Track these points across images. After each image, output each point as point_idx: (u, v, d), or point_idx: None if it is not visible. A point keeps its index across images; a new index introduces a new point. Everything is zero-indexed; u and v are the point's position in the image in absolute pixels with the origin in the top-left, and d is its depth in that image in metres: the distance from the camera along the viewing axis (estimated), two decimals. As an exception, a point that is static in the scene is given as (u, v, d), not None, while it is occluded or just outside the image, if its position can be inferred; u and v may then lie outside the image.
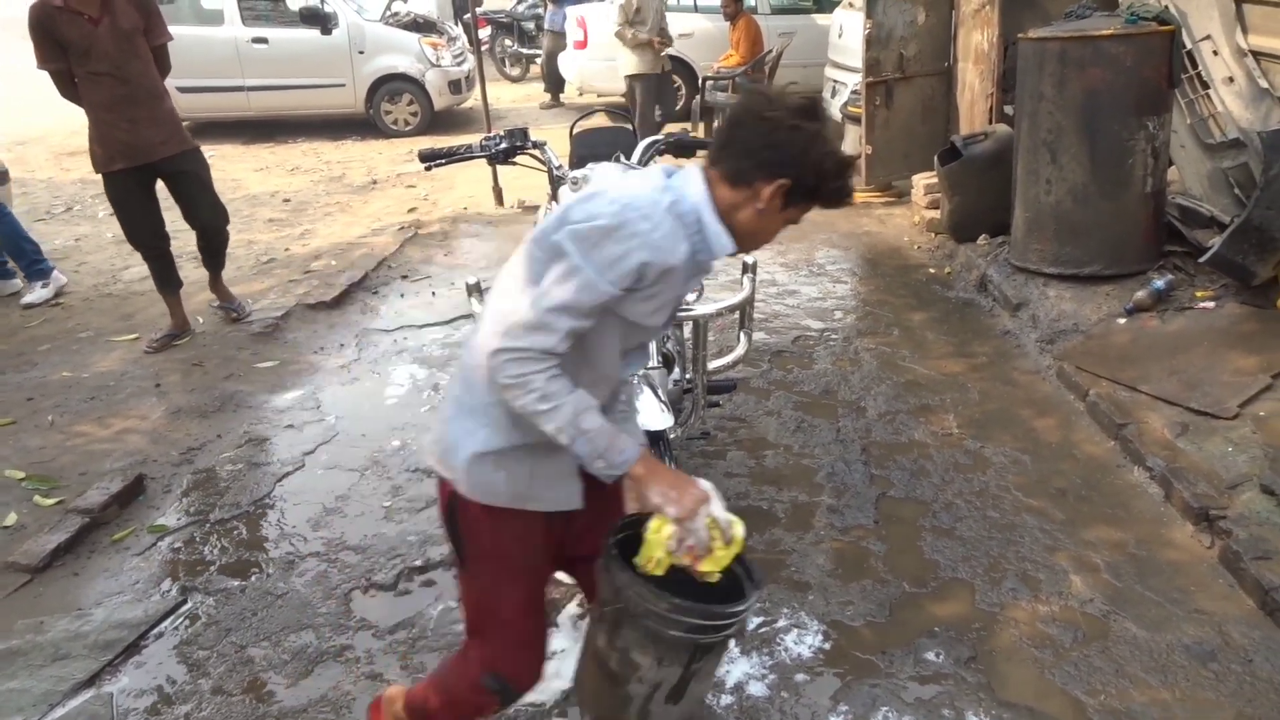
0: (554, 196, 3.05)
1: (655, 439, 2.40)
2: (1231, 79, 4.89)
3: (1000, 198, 5.30)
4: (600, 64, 10.97)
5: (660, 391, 2.57)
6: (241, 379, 4.59)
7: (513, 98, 13.39)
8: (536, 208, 7.36)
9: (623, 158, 2.93)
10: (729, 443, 3.87)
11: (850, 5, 8.78)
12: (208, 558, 3.31)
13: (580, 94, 11.91)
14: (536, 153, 2.94)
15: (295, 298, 5.50)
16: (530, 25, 14.15)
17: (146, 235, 4.79)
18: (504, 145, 2.95)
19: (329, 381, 4.60)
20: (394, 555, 3.27)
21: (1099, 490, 3.45)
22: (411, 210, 7.70)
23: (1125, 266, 4.60)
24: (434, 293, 5.68)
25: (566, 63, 11.47)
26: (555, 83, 12.32)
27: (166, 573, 3.23)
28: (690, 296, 2.79)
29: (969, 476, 3.57)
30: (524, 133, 2.95)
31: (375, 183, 8.83)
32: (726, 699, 2.59)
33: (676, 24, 10.78)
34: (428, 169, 3.14)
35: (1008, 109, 5.52)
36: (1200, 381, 3.78)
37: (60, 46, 4.36)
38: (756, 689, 2.63)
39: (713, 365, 3.04)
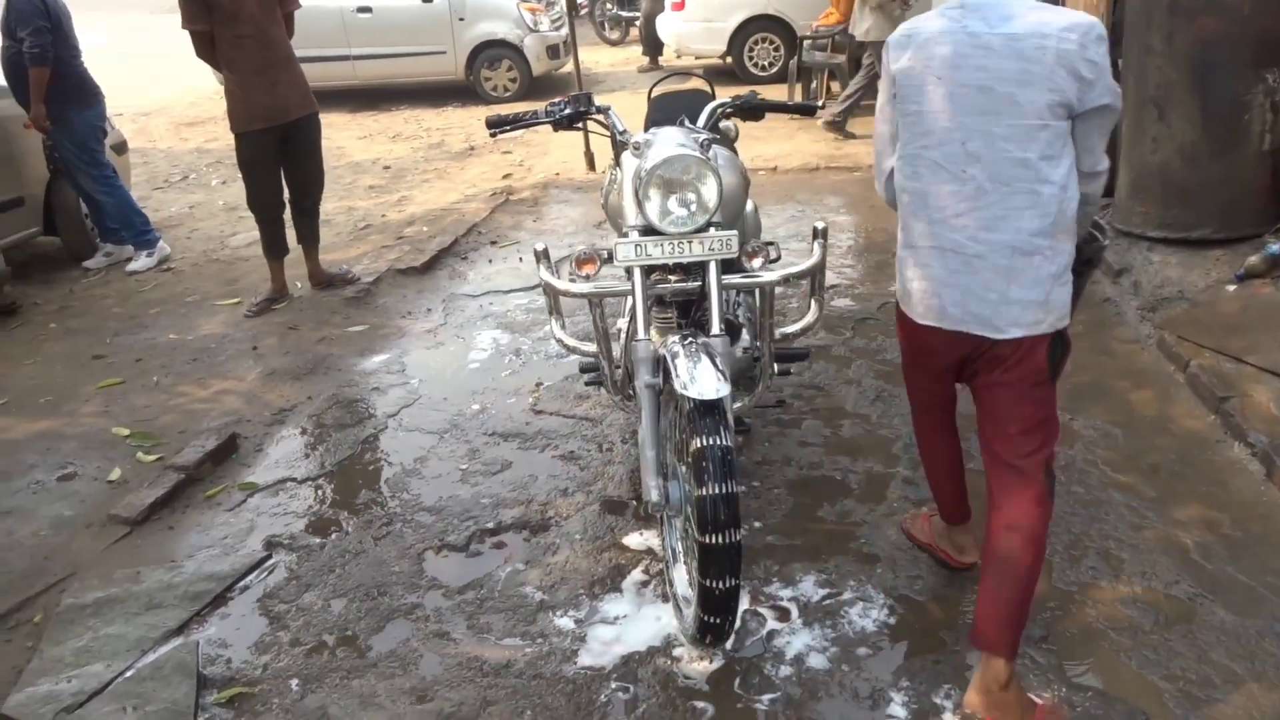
0: (617, 161, 3.03)
1: (710, 408, 2.35)
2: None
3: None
4: (698, 25, 10.86)
5: (719, 360, 2.53)
6: (333, 342, 4.74)
7: (611, 61, 13.35)
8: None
9: (687, 121, 2.88)
10: (805, 411, 3.82)
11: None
12: (292, 515, 3.44)
13: (678, 56, 11.79)
14: (600, 117, 2.92)
15: (387, 263, 5.63)
16: (630, -13, 14.06)
17: (270, 196, 5.02)
18: (568, 110, 2.93)
19: (415, 345, 4.71)
20: (467, 517, 3.34)
21: (1195, 467, 3.28)
22: (506, 176, 7.79)
23: (1238, 230, 4.33)
24: (520, 258, 5.74)
25: (664, 25, 11.36)
26: (653, 46, 12.23)
27: (253, 529, 3.38)
28: (756, 262, 2.73)
29: (1055, 451, 3.43)
30: (589, 98, 2.94)
31: (473, 149, 8.96)
32: (785, 670, 2.57)
33: (774, -18, 10.55)
34: (493, 135, 3.16)
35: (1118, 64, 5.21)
36: (1314, 353, 3.54)
37: (206, 9, 4.59)
38: (816, 660, 2.60)
39: (783, 333, 2.98)
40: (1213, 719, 2.31)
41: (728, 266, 2.79)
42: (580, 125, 2.99)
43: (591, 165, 7.61)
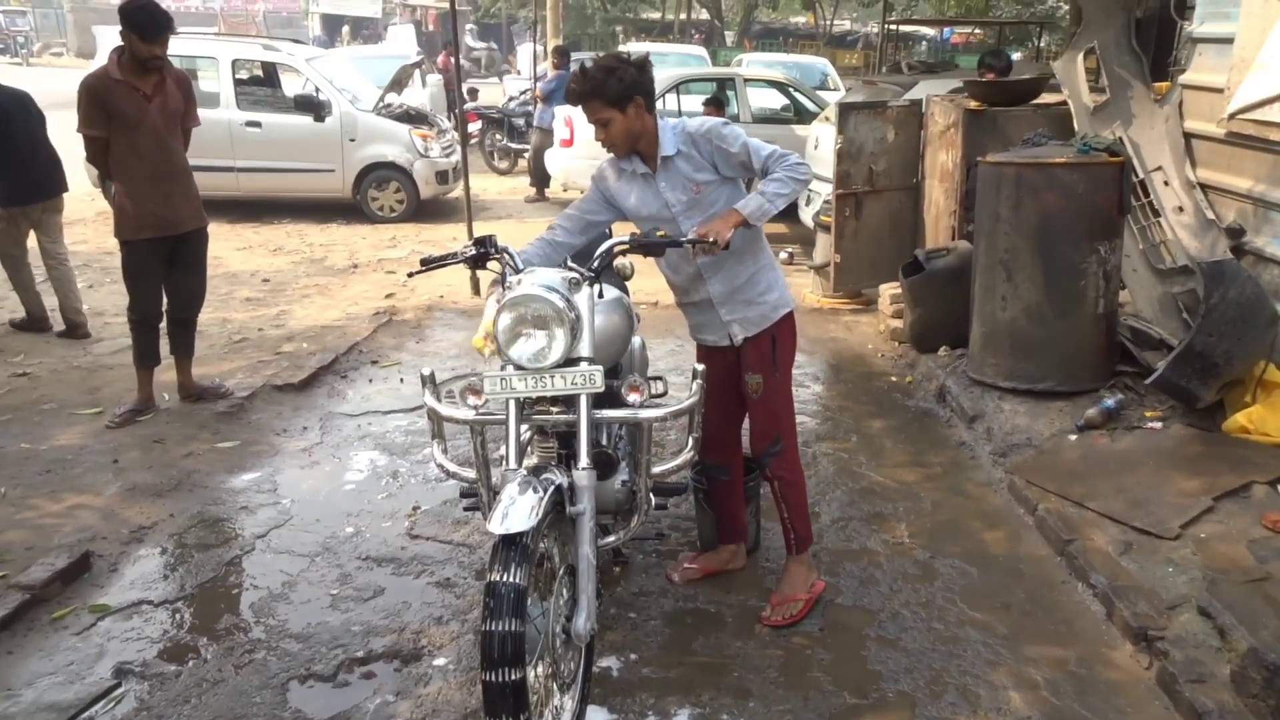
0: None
1: (509, 542, 2.41)
2: (1181, 209, 5.10)
3: (961, 311, 5.44)
4: (585, 162, 11.23)
5: (536, 493, 2.52)
6: (200, 458, 4.58)
7: (499, 190, 13.65)
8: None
9: (570, 260, 3.02)
10: (682, 543, 3.89)
11: (826, 119, 9.10)
12: (147, 640, 3.27)
13: (565, 190, 12.17)
14: (502, 256, 3.03)
15: (264, 378, 5.53)
16: (521, 121, 14.51)
17: (153, 306, 4.90)
18: (473, 252, 3.06)
19: (288, 464, 4.60)
20: (336, 645, 3.24)
21: (1043, 606, 3.48)
22: (389, 296, 7.79)
23: (1078, 384, 4.72)
24: (402, 379, 5.73)
25: (552, 159, 11.75)
26: (541, 178, 12.59)
27: (103, 654, 3.18)
28: (634, 397, 2.84)
29: (916, 587, 3.60)
30: (493, 240, 3.06)
31: (356, 267, 8.94)
32: (658, 807, 2.57)
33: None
34: (411, 275, 3.29)
35: (970, 227, 5.69)
36: (1145, 500, 3.85)
37: (106, 116, 4.55)
38: (689, 798, 2.61)
39: (660, 469, 3.08)
40: None
41: (609, 401, 2.89)
42: (487, 265, 3.10)
43: (476, 290, 7.71)
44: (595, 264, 2.92)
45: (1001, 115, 5.77)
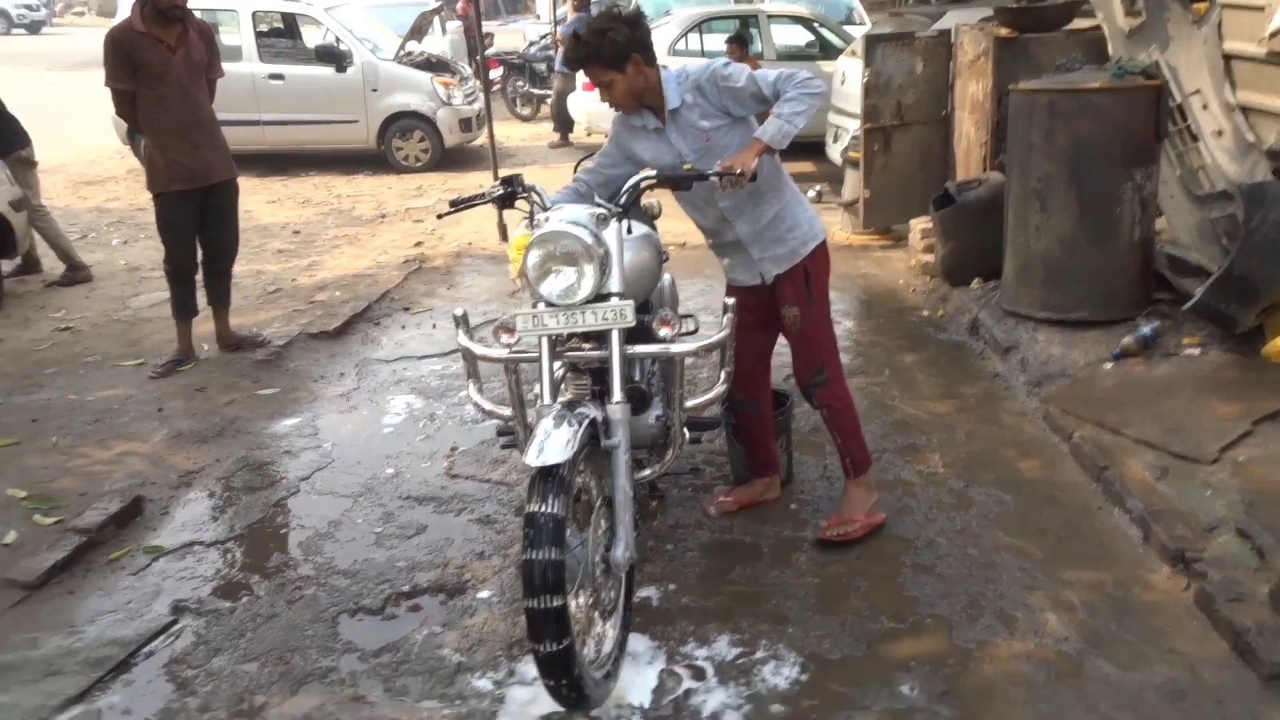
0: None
1: (546, 474, 2.44)
2: (1220, 132, 4.98)
3: (993, 243, 5.39)
4: (608, 105, 11.15)
5: (571, 426, 2.56)
6: (242, 405, 4.67)
7: (522, 136, 13.58)
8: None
9: (598, 197, 3.03)
10: (716, 477, 3.93)
11: (853, 53, 8.94)
12: (200, 579, 3.37)
13: (589, 134, 12.09)
14: (530, 195, 3.04)
15: (299, 327, 5.60)
16: (542, 66, 14.39)
17: (187, 258, 4.98)
18: (501, 192, 3.07)
19: (327, 409, 4.68)
20: (382, 580, 3.33)
21: (1079, 531, 3.50)
22: (418, 244, 7.83)
23: (1113, 313, 4.68)
24: (434, 325, 5.78)
25: (576, 104, 11.66)
26: (564, 122, 12.50)
27: (159, 592, 3.29)
28: (666, 331, 2.86)
29: (951, 515, 3.63)
30: (519, 179, 3.07)
31: (384, 216, 8.98)
32: (701, 727, 2.64)
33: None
34: (440, 217, 3.30)
35: (1001, 158, 5.62)
36: (1182, 426, 3.83)
37: (131, 69, 4.59)
38: (732, 718, 2.67)
39: (693, 403, 3.11)
40: (1101, 766, 2.46)
41: (641, 336, 2.91)
42: (514, 205, 3.11)
43: (504, 236, 7.72)
44: (622, 199, 2.92)
45: (1033, 42, 5.65)
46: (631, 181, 2.95)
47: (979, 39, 5.88)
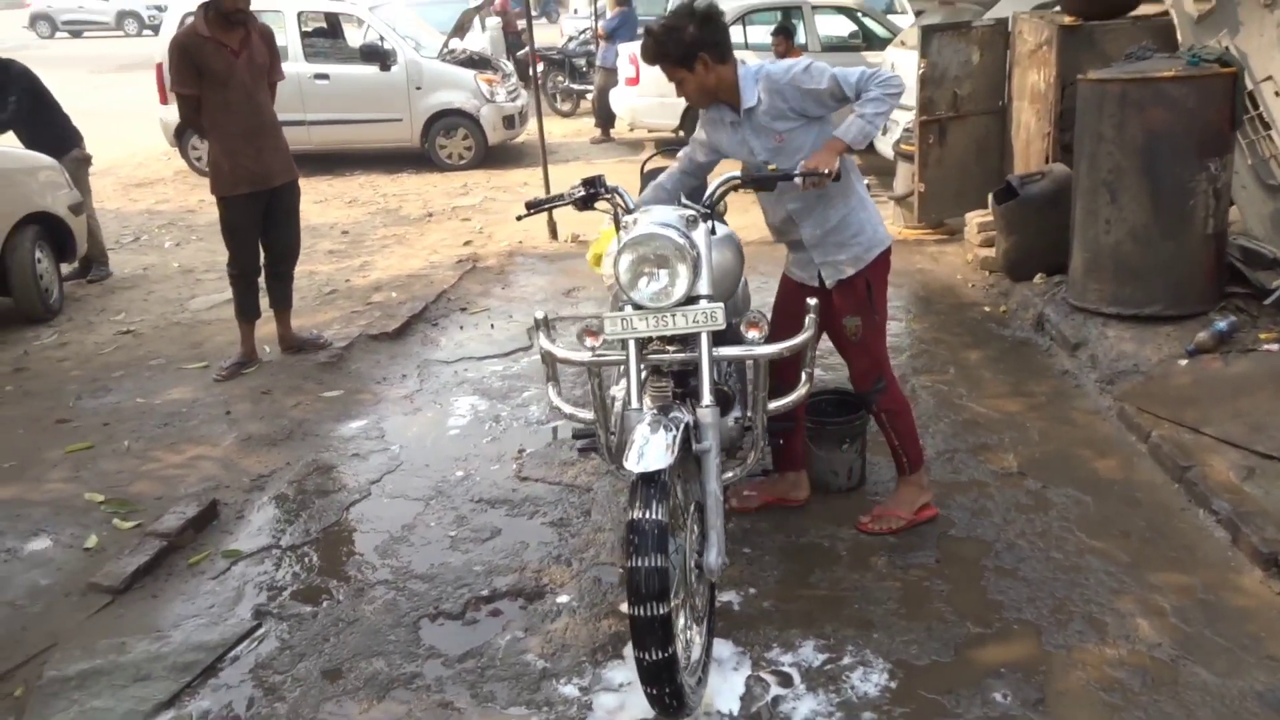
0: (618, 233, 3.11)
1: (648, 480, 2.43)
2: (1294, 120, 4.87)
3: (1057, 237, 5.31)
4: (652, 100, 11.11)
5: (704, 431, 2.62)
6: (308, 407, 4.71)
7: (563, 132, 13.57)
8: (587, 241, 7.49)
9: (684, 198, 3.01)
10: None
11: (902, 44, 8.84)
12: (280, 583, 3.40)
13: (631, 129, 12.08)
14: (613, 196, 3.03)
15: (359, 328, 5.63)
16: (581, 62, 14.37)
17: (252, 260, 5.02)
18: (582, 193, 3.06)
19: (392, 411, 4.71)
20: (460, 584, 3.33)
21: (1163, 533, 3.43)
22: (467, 243, 7.85)
23: (1186, 307, 4.58)
24: (492, 325, 5.79)
25: (618, 99, 11.63)
26: (606, 118, 12.49)
27: (241, 597, 3.32)
28: (753, 334, 2.83)
29: (1030, 517, 3.57)
30: (602, 180, 3.06)
31: (431, 215, 9.02)
32: (793, 735, 2.62)
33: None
34: (519, 219, 3.29)
35: (1065, 149, 5.52)
36: (1266, 425, 3.75)
37: (197, 73, 4.64)
38: (823, 726, 2.65)
39: (775, 405, 3.08)
40: (1207, 777, 2.41)
41: (722, 338, 2.89)
42: (595, 205, 3.10)
43: (554, 234, 7.73)
44: (709, 200, 2.90)
45: (1098, 29, 5.54)
46: (718, 182, 2.93)
47: (1040, 27, 5.78)
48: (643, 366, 2.96)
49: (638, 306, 2.76)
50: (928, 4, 8.95)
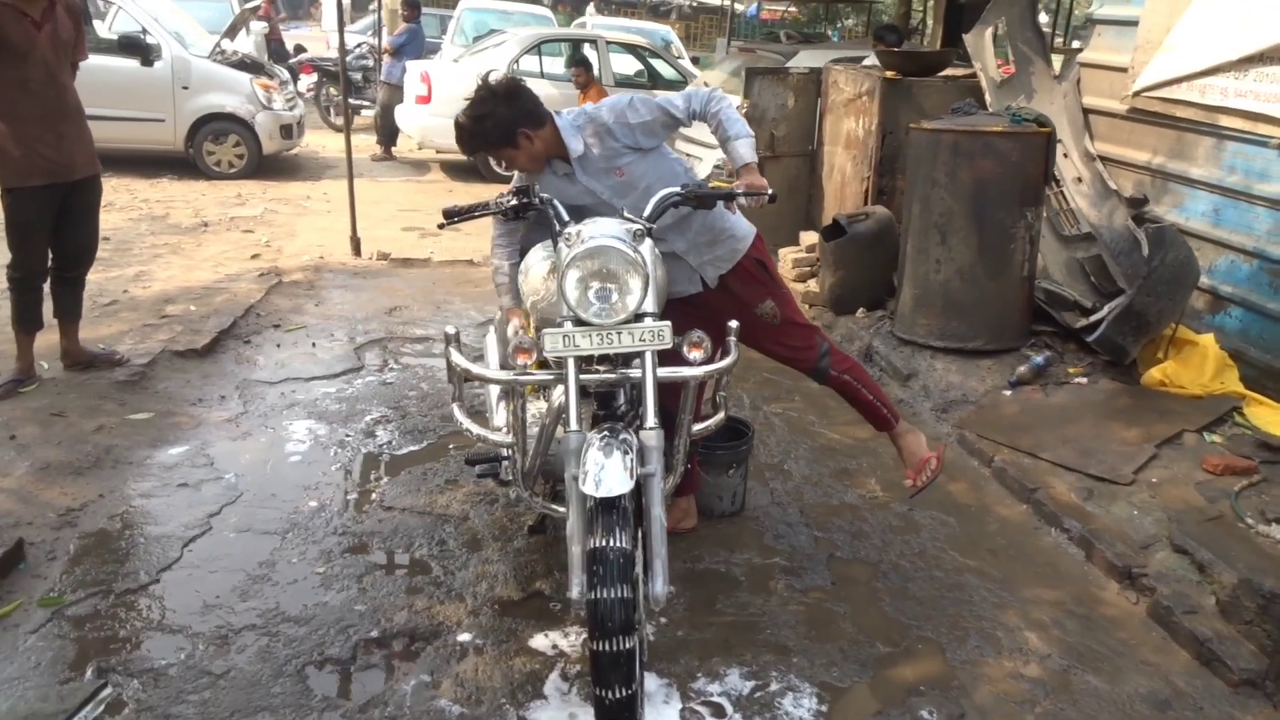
0: (555, 246, 2.94)
1: (608, 506, 2.35)
2: (1080, 179, 5.46)
3: (878, 274, 5.64)
4: (444, 120, 10.76)
5: (647, 454, 2.51)
6: (114, 431, 4.10)
7: (339, 147, 12.88)
8: (389, 258, 7.13)
9: (627, 211, 2.90)
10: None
11: (705, 84, 9.14)
12: (121, 634, 2.91)
13: (419, 148, 11.70)
14: (548, 208, 2.86)
15: (159, 343, 5.01)
16: (359, 76, 13.79)
17: (40, 261, 4.34)
18: (513, 202, 2.86)
19: (217, 436, 4.20)
20: (343, 627, 3.00)
21: (1025, 551, 3.68)
22: (255, 256, 7.24)
23: (1004, 343, 4.99)
24: (314, 344, 5.33)
25: (406, 117, 11.25)
26: (388, 135, 12.04)
27: (73, 653, 2.81)
28: (696, 354, 2.75)
29: (905, 538, 3.71)
30: (534, 189, 2.89)
31: (206, 225, 8.25)
32: (742, 767, 2.54)
33: (523, 87, 10.87)
34: (441, 227, 3.01)
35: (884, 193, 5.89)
36: (1093, 450, 4.12)
37: None
38: (769, 755, 2.59)
39: (696, 429, 3.01)
40: (1127, 777, 2.57)
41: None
42: (526, 215, 2.91)
43: (358, 251, 7.30)
44: (651, 216, 2.80)
45: (916, 84, 5.98)
46: (659, 197, 2.84)
47: (860, 79, 6.15)
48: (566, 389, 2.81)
49: (579, 323, 2.61)
50: (734, 54, 9.30)
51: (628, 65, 12.16)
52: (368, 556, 3.39)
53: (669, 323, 2.62)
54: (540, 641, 2.99)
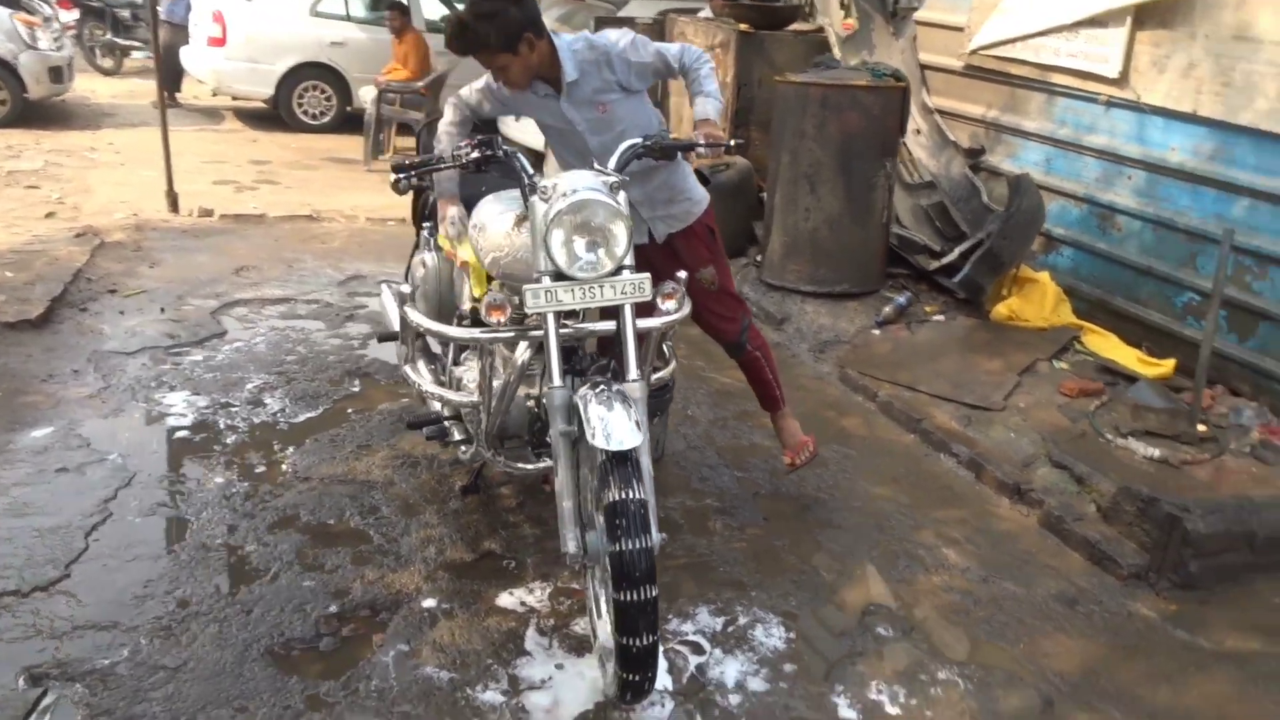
0: (525, 202, 2.85)
1: (623, 459, 2.36)
2: (919, 131, 5.84)
3: (740, 223, 5.82)
4: (242, 65, 10.10)
5: (635, 407, 2.54)
6: (-40, 414, 3.65)
7: (113, 92, 11.79)
8: (214, 214, 6.63)
9: (596, 164, 2.86)
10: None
11: (554, 32, 8.97)
12: (45, 637, 2.63)
13: (214, 95, 10.84)
14: (516, 160, 2.75)
15: (-21, 313, 4.46)
16: (126, 13, 12.56)
17: None
18: (475, 155, 2.73)
19: (84, 414, 3.82)
20: (297, 605, 2.85)
21: (922, 476, 3.97)
22: (50, 215, 6.55)
23: (867, 286, 5.30)
24: (162, 309, 4.91)
25: (195, 60, 10.38)
26: (173, 80, 11.07)
27: (-5, 661, 2.52)
28: (670, 304, 2.78)
29: (818, 472, 3.91)
30: (499, 139, 2.76)
31: (-19, 181, 7.35)
32: (735, 698, 2.64)
33: (328, 32, 10.31)
34: (396, 184, 2.76)
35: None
36: (964, 381, 4.49)
37: None
38: (756, 684, 2.70)
39: (654, 378, 3.05)
40: (1060, 672, 2.87)
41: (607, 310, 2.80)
42: (487, 169, 2.79)
43: (175, 207, 6.73)
44: (615, 165, 2.78)
45: (769, 38, 6.14)
46: (623, 147, 2.81)
47: (713, 30, 6.25)
48: (527, 345, 2.77)
49: (559, 277, 2.57)
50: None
51: (438, 10, 11.73)
52: (299, 531, 3.21)
53: (648, 275, 2.63)
54: (507, 600, 2.96)
